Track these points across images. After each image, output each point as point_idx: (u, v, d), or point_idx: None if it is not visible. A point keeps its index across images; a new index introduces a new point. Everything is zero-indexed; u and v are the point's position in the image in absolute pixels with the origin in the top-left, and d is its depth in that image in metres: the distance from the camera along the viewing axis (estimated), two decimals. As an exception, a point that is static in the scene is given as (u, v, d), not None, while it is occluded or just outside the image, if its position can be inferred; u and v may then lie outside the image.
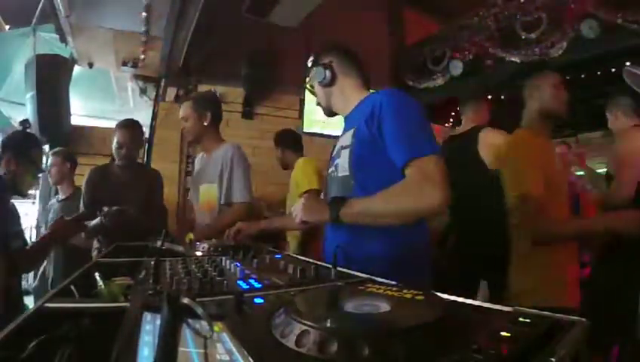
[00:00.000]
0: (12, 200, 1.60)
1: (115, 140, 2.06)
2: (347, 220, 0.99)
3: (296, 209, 1.09)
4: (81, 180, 2.72)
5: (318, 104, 1.29)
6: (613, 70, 3.20)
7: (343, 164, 1.12)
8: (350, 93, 1.21)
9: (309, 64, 1.26)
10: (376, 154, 1.03)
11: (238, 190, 1.82)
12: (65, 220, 1.65)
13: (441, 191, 0.92)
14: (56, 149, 2.90)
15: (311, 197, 1.15)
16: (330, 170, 1.23)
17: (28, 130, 1.85)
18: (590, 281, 1.93)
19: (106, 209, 1.80)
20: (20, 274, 1.58)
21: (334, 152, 1.22)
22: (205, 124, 1.90)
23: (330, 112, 1.28)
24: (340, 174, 1.13)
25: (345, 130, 1.19)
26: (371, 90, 1.21)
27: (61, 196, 2.81)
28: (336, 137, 1.28)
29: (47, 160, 2.86)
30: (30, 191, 3.85)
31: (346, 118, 1.24)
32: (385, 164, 1.02)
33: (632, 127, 1.99)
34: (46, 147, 3.44)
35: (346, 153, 1.11)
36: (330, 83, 1.21)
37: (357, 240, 1.04)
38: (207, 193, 1.92)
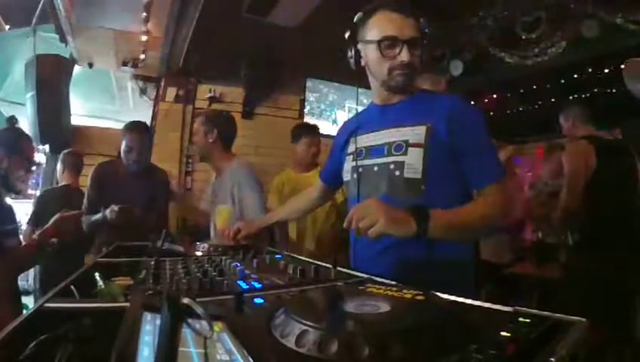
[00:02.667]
0: (10, 199, 1.59)
1: (124, 143, 1.96)
2: (431, 235, 0.86)
3: (372, 216, 0.82)
4: (82, 180, 2.72)
5: (404, 69, 1.01)
6: (613, 70, 3.20)
7: (413, 164, 0.97)
8: (420, 80, 1.11)
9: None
10: (450, 162, 0.97)
11: (252, 212, 1.77)
12: (67, 214, 1.53)
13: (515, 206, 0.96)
14: (66, 151, 2.88)
15: (386, 205, 0.87)
16: (373, 163, 1.05)
17: (16, 126, 1.83)
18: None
19: (116, 208, 1.75)
20: (17, 273, 1.56)
21: (379, 143, 1.05)
22: (211, 141, 1.88)
23: (406, 88, 1.05)
24: (406, 175, 0.98)
25: (397, 121, 1.03)
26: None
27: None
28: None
29: (57, 164, 2.85)
30: (30, 191, 3.84)
31: (391, 107, 1.08)
32: (457, 173, 0.97)
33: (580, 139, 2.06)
34: (46, 147, 3.44)
35: (418, 152, 0.97)
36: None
37: (396, 243, 0.94)
38: (222, 214, 1.91)
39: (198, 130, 1.92)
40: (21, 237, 1.81)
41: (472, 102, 3.88)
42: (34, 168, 1.69)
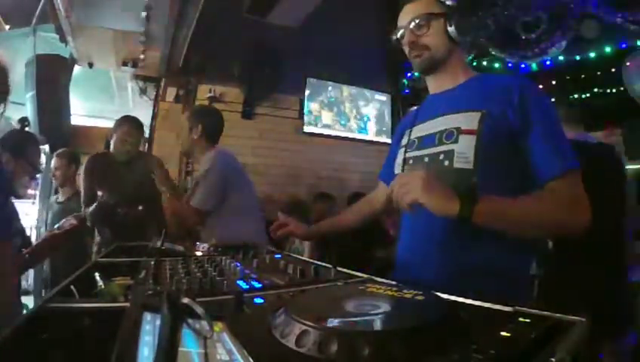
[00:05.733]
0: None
1: (116, 136, 2.07)
2: (476, 220, 0.76)
3: (411, 183, 0.77)
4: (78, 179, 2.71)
5: (413, 51, 1.01)
6: (613, 70, 3.20)
7: (464, 153, 0.87)
8: (462, 63, 1.01)
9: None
10: (510, 151, 0.85)
11: (197, 196, 1.75)
12: (57, 232, 1.59)
13: (590, 210, 0.78)
14: (61, 151, 2.87)
15: (432, 176, 0.79)
16: (423, 154, 0.97)
17: (27, 129, 1.83)
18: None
19: (121, 211, 1.81)
20: (20, 273, 1.57)
21: (431, 132, 0.97)
22: (195, 137, 1.88)
23: (430, 68, 1.02)
24: (456, 165, 0.88)
25: (446, 109, 0.96)
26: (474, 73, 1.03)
27: (60, 198, 2.79)
28: (337, 137, 1.22)
29: (52, 161, 2.84)
30: (30, 192, 3.85)
31: (444, 95, 1.02)
32: (517, 164, 0.85)
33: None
34: (46, 147, 3.44)
35: (470, 140, 0.87)
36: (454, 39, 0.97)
37: (453, 246, 0.87)
38: None
39: (183, 125, 1.95)
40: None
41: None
42: (38, 176, 1.70)
